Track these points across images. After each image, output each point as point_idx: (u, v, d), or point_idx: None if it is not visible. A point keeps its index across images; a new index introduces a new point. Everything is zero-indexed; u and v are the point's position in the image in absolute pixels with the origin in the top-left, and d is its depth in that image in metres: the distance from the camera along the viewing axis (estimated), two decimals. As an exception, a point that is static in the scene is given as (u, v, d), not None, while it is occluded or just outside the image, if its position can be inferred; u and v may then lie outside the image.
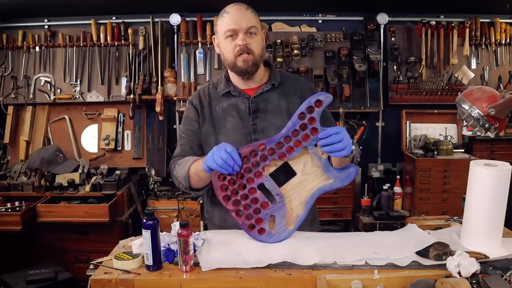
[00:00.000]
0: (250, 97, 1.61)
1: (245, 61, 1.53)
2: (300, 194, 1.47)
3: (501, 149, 3.34)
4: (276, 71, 1.68)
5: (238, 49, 1.53)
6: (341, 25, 3.44)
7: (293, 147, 1.44)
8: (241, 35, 1.52)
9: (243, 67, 1.54)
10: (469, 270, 1.20)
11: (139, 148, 3.42)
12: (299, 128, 1.43)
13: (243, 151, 1.45)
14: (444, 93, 3.34)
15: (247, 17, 1.53)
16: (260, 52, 1.56)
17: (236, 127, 1.60)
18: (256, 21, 1.56)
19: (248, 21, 1.53)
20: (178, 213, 3.18)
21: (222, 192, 1.47)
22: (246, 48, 1.52)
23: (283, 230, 1.47)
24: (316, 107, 1.41)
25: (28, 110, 3.41)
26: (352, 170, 1.45)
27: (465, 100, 1.62)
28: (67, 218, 2.85)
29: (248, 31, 1.53)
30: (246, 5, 1.57)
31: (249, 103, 1.60)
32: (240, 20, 1.52)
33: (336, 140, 1.37)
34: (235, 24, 1.52)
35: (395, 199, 3.26)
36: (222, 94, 1.64)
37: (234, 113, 1.61)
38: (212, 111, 1.64)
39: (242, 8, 1.55)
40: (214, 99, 1.65)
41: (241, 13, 1.54)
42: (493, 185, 1.37)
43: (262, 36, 1.59)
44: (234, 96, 1.62)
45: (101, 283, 1.27)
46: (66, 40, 3.37)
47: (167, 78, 3.34)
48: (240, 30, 1.52)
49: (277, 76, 1.65)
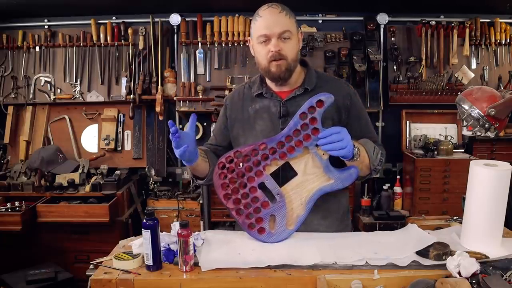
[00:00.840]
0: (282, 100, 1.58)
1: (278, 66, 1.49)
2: (300, 195, 1.47)
3: (501, 149, 3.33)
4: (313, 73, 1.62)
5: (271, 55, 1.48)
6: (341, 25, 3.44)
7: (294, 146, 1.44)
8: (274, 40, 1.47)
9: (276, 73, 1.50)
10: (469, 270, 1.20)
11: (139, 148, 3.42)
12: (301, 128, 1.43)
13: (245, 150, 1.46)
14: (444, 93, 3.34)
15: (280, 21, 1.47)
16: (294, 57, 1.51)
17: (266, 129, 1.57)
18: (291, 24, 1.50)
19: (282, 26, 1.47)
20: (178, 213, 3.18)
21: (222, 190, 1.48)
22: (279, 54, 1.48)
23: (283, 230, 1.47)
24: (317, 107, 1.41)
25: (28, 110, 3.41)
26: (353, 171, 1.44)
27: (465, 100, 1.62)
28: (67, 218, 2.85)
29: (282, 36, 1.47)
30: (281, 7, 1.50)
31: (280, 106, 1.57)
32: (273, 25, 1.47)
33: (335, 140, 1.37)
34: (268, 29, 1.47)
35: (395, 199, 3.26)
36: (255, 95, 1.62)
37: (265, 116, 1.59)
38: (244, 111, 1.63)
39: (275, 11, 1.48)
40: (248, 100, 1.64)
41: (274, 17, 1.47)
42: (493, 185, 1.37)
43: (297, 39, 1.53)
44: (267, 98, 1.60)
45: (101, 283, 1.27)
46: (66, 40, 3.37)
47: (167, 78, 3.34)
48: (272, 36, 1.47)
49: (312, 79, 1.60)
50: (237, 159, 1.47)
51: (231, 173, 1.47)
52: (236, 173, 1.47)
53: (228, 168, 1.47)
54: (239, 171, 1.47)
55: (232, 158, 1.48)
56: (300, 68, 1.62)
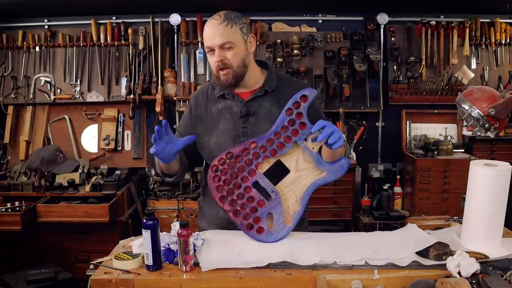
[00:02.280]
0: (244, 100, 1.62)
1: (225, 76, 1.56)
2: (295, 191, 1.49)
3: (501, 149, 3.34)
4: (273, 75, 1.67)
5: (216, 65, 1.55)
6: (341, 25, 3.44)
7: (284, 143, 1.47)
8: (217, 51, 1.53)
9: (223, 81, 1.57)
10: (469, 270, 1.20)
11: (139, 148, 3.42)
12: (288, 123, 1.46)
13: (236, 150, 1.48)
14: (444, 93, 3.34)
15: (219, 32, 1.51)
16: (239, 63, 1.55)
17: (227, 129, 1.62)
18: (232, 33, 1.52)
19: (222, 37, 1.51)
20: (178, 213, 3.18)
21: (218, 193, 1.49)
22: (223, 64, 1.54)
23: (282, 227, 1.48)
24: (302, 102, 1.46)
25: (28, 110, 3.41)
26: (344, 162, 1.48)
27: (465, 100, 1.62)
28: (67, 218, 2.85)
29: (223, 47, 1.52)
30: (223, 17, 1.53)
31: (242, 106, 1.62)
32: (214, 36, 1.52)
33: (329, 132, 1.40)
34: (209, 41, 1.54)
35: (395, 199, 3.26)
36: (218, 96, 1.66)
37: (227, 115, 1.63)
38: (207, 111, 1.67)
39: (215, 23, 1.53)
40: (211, 100, 1.68)
41: (213, 29, 1.52)
42: (493, 185, 1.37)
43: (243, 46, 1.56)
44: (229, 99, 1.64)
45: (101, 283, 1.27)
46: (66, 40, 3.37)
47: (167, 78, 3.34)
48: (214, 47, 1.53)
49: (272, 81, 1.65)
50: (229, 160, 1.48)
51: (225, 175, 1.48)
52: (230, 175, 1.48)
53: (221, 170, 1.48)
54: (232, 172, 1.48)
55: (225, 160, 1.49)
56: (260, 70, 1.67)
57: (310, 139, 1.45)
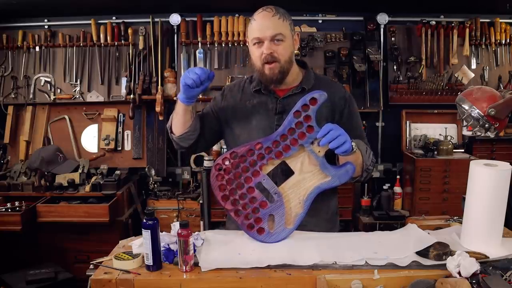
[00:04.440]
0: (279, 97, 1.61)
1: (271, 69, 1.53)
2: (298, 193, 1.48)
3: (501, 149, 3.33)
4: (311, 74, 1.67)
5: (263, 57, 1.53)
6: (341, 25, 3.44)
7: (290, 145, 1.46)
8: (266, 43, 1.51)
9: (268, 75, 1.54)
10: (469, 270, 1.20)
11: (139, 148, 3.42)
12: (295, 126, 1.44)
13: (240, 150, 1.47)
14: (444, 93, 3.34)
15: (273, 25, 1.51)
16: (287, 59, 1.54)
17: (261, 125, 1.60)
18: (284, 27, 1.53)
19: (274, 29, 1.50)
20: (178, 213, 3.18)
21: (220, 192, 1.48)
22: (271, 57, 1.52)
23: (283, 229, 1.47)
24: (311, 105, 1.43)
25: (28, 110, 3.40)
26: (349, 167, 1.45)
27: (465, 100, 1.61)
28: (67, 218, 2.85)
29: (274, 39, 1.51)
30: (275, 10, 1.54)
31: (277, 103, 1.61)
32: (266, 28, 1.51)
33: (335, 135, 1.37)
34: (260, 32, 1.51)
35: (395, 199, 3.26)
36: (254, 90, 1.65)
37: (262, 111, 1.62)
38: (242, 104, 1.66)
39: (268, 15, 1.52)
40: (247, 94, 1.67)
41: (267, 20, 1.51)
42: (493, 185, 1.37)
43: (291, 41, 1.56)
44: (265, 95, 1.63)
45: (101, 283, 1.27)
46: (66, 40, 3.37)
47: (167, 78, 3.34)
48: (265, 39, 1.51)
49: (310, 80, 1.64)
50: (233, 160, 1.48)
51: (228, 174, 1.48)
52: (233, 174, 1.47)
53: (225, 169, 1.48)
54: (236, 172, 1.47)
55: (229, 159, 1.48)
56: (299, 69, 1.66)
57: (317, 142, 1.43)
